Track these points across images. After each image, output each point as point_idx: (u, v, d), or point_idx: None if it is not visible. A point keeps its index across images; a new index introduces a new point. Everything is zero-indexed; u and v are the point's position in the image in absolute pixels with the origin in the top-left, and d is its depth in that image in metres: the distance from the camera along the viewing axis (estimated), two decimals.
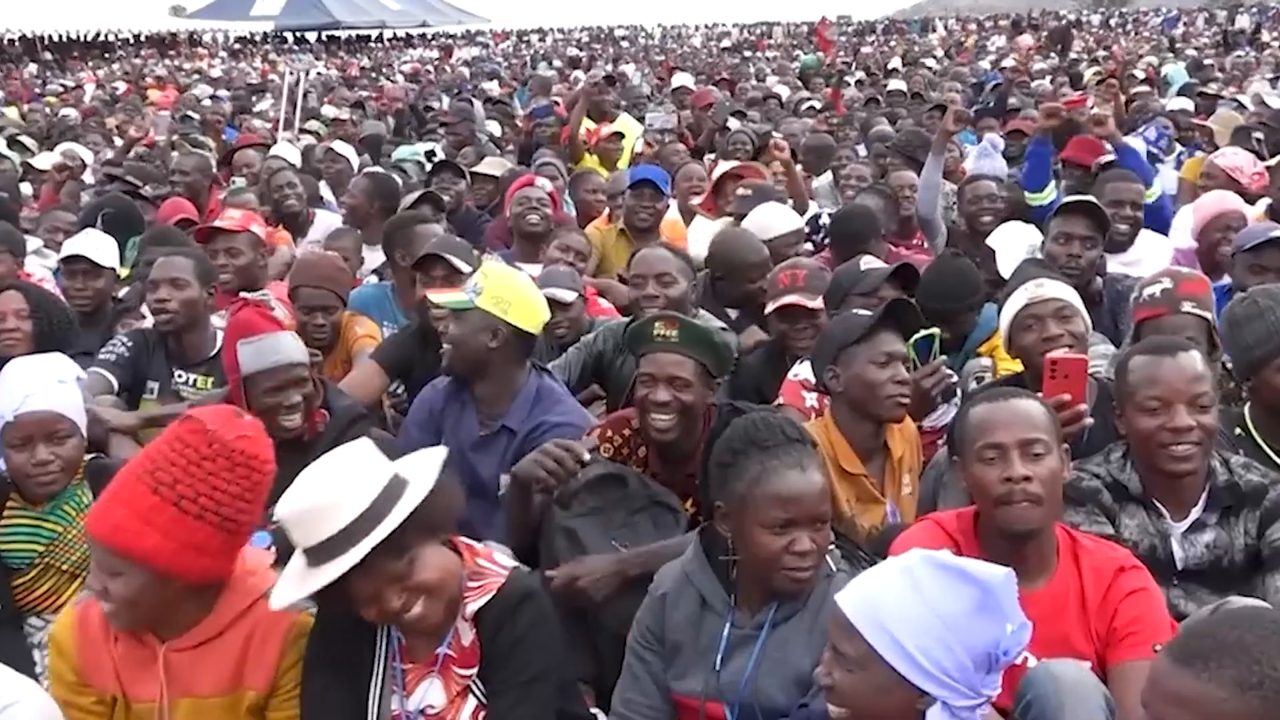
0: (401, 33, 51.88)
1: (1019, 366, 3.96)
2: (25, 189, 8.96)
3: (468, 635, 2.68)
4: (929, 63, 22.04)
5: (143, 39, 49.15)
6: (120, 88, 23.06)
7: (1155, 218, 6.13)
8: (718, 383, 3.78)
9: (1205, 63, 20.24)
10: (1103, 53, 26.07)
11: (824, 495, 2.72)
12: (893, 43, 36.74)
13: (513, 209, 6.53)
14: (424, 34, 51.75)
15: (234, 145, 10.41)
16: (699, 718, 2.82)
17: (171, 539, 2.52)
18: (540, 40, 49.72)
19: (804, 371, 4.13)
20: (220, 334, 4.73)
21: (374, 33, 50.54)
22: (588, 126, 10.42)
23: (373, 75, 27.47)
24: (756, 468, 2.70)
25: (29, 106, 18.28)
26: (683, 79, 16.57)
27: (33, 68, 35.52)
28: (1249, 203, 6.55)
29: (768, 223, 5.77)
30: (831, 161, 9.03)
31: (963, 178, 7.40)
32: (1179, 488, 3.15)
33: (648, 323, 3.78)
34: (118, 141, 12.07)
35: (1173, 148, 9.80)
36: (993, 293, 4.71)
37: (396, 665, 2.70)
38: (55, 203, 7.73)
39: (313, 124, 13.00)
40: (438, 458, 2.65)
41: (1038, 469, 2.73)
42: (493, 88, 19.71)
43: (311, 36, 47.57)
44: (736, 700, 2.76)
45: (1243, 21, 37.86)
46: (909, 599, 2.17)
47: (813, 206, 7.38)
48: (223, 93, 20.37)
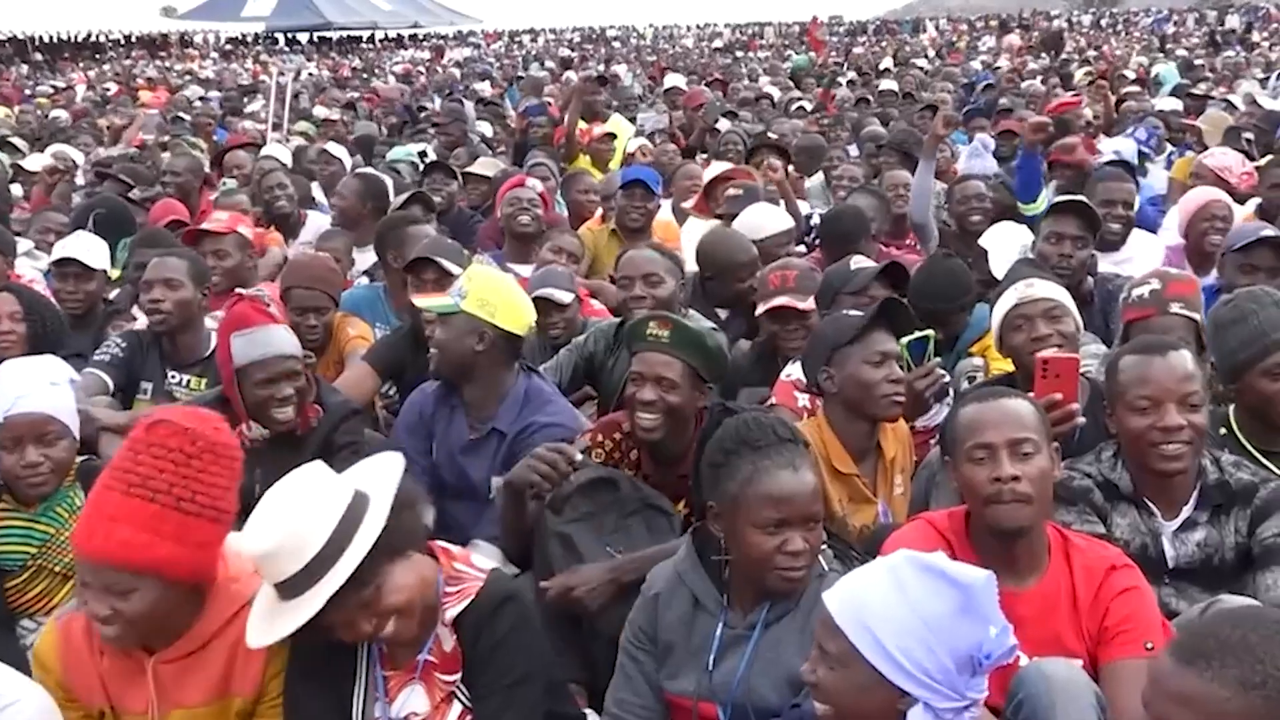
0: (393, 33, 51.83)
1: (1011, 366, 3.96)
2: (15, 190, 8.94)
3: (449, 641, 2.67)
4: (920, 63, 22.09)
5: (133, 40, 49.07)
6: (111, 89, 23.02)
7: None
8: (709, 387, 3.77)
9: (1196, 63, 20.31)
10: (1093, 53, 26.16)
11: (816, 495, 2.72)
12: (884, 43, 36.76)
13: (504, 210, 6.52)
14: (415, 35, 51.70)
15: (224, 146, 10.40)
16: (691, 718, 2.82)
17: (182, 543, 2.52)
18: (532, 41, 49.67)
19: (796, 372, 4.13)
20: (214, 335, 4.73)
21: (365, 34, 50.49)
22: (580, 127, 10.41)
23: (364, 76, 27.45)
24: (749, 468, 2.70)
25: (19, 108, 18.23)
26: (675, 79, 16.59)
27: (23, 69, 35.43)
28: (1239, 202, 6.58)
29: (758, 223, 5.77)
30: (823, 162, 9.04)
31: (954, 178, 7.42)
32: (1170, 487, 3.15)
33: (642, 322, 3.78)
34: (116, 149, 12.05)
35: (1163, 148, 9.83)
36: (984, 293, 4.72)
37: (378, 673, 2.69)
38: (46, 204, 7.72)
39: (301, 125, 12.98)
40: (397, 468, 2.62)
41: (1027, 468, 2.73)
42: (484, 88, 19.70)
43: (303, 37, 47.55)
44: (729, 700, 2.76)
45: (1232, 21, 37.97)
46: (892, 599, 2.18)
47: (804, 207, 7.38)
48: (214, 94, 20.35)
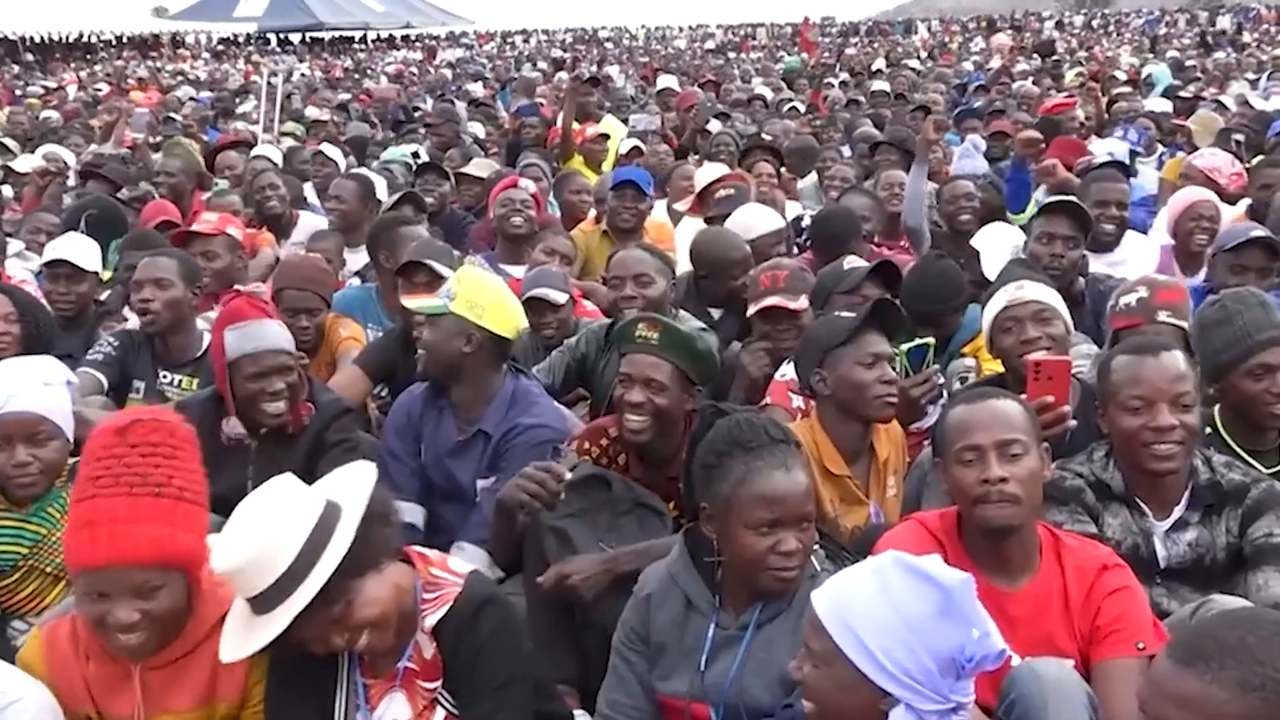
0: (385, 34, 51.78)
1: (1002, 366, 3.97)
2: (6, 191, 8.91)
3: (429, 648, 2.65)
4: (912, 64, 22.11)
5: (125, 40, 48.97)
6: (103, 89, 22.97)
7: None
8: (698, 389, 3.77)
9: (1187, 64, 20.35)
10: (1084, 53, 26.21)
11: (809, 495, 2.73)
12: (876, 44, 36.80)
13: (496, 211, 6.52)
14: (408, 35, 51.66)
15: (214, 146, 10.38)
16: (684, 718, 2.82)
17: (191, 531, 2.58)
18: (524, 41, 49.64)
19: (791, 372, 4.13)
20: (206, 335, 4.75)
21: (357, 34, 50.44)
22: (573, 128, 10.41)
23: (356, 76, 27.41)
24: (741, 468, 2.70)
25: (10, 109, 18.18)
26: (667, 80, 16.59)
27: (14, 69, 35.34)
28: (1230, 203, 6.60)
29: (750, 223, 5.78)
30: (816, 163, 9.05)
31: (944, 178, 7.44)
32: (1161, 487, 3.16)
33: (631, 323, 3.78)
34: (107, 147, 12.01)
35: (1154, 148, 9.85)
36: (977, 293, 4.73)
37: (358, 680, 2.68)
38: (37, 205, 7.70)
39: (290, 125, 12.94)
40: (369, 480, 2.60)
41: (1015, 469, 2.74)
42: (477, 89, 19.69)
43: (295, 38, 47.48)
44: (721, 701, 2.76)
45: (1223, 22, 38.08)
46: (876, 599, 2.19)
47: (796, 207, 7.39)
48: (205, 94, 20.31)
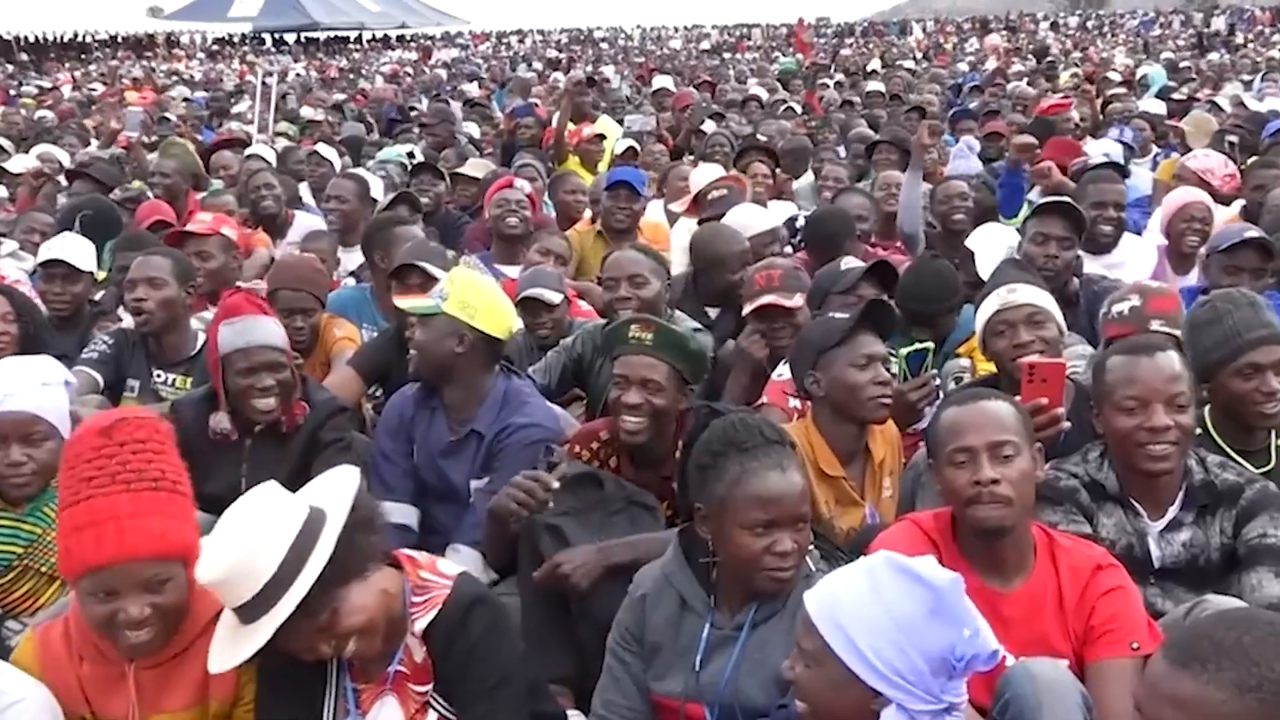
0: (380, 34, 51.77)
1: (995, 369, 3.97)
2: (1, 191, 8.90)
3: (419, 652, 2.64)
4: (907, 64, 22.14)
5: (120, 40, 48.92)
6: (97, 89, 22.94)
7: None
8: (691, 389, 3.78)
9: (1181, 65, 20.40)
10: (1079, 54, 26.25)
11: (804, 496, 2.73)
12: (871, 45, 36.84)
13: (491, 211, 6.52)
14: (403, 35, 51.65)
15: (209, 146, 10.37)
16: (679, 718, 2.82)
17: (189, 522, 2.62)
18: (520, 42, 49.63)
19: (788, 372, 4.13)
20: (200, 335, 4.75)
21: (352, 34, 50.42)
22: (568, 128, 10.41)
23: (351, 77, 27.40)
24: (736, 469, 2.70)
25: (4, 108, 18.15)
26: (663, 81, 16.60)
27: (8, 69, 35.30)
28: (1223, 204, 6.62)
29: (744, 222, 5.78)
30: (812, 163, 9.06)
31: (938, 179, 7.44)
32: (1156, 487, 3.16)
33: (624, 324, 3.78)
34: (94, 143, 12.01)
35: (1149, 149, 9.88)
36: (971, 294, 4.73)
37: (347, 685, 2.67)
38: (32, 206, 7.69)
39: (283, 125, 12.93)
40: (352, 485, 2.59)
41: (1007, 471, 2.74)
42: (472, 89, 19.69)
43: (290, 38, 47.46)
44: (716, 701, 2.76)
45: (1218, 24, 38.15)
46: (866, 599, 2.19)
47: (791, 208, 7.40)
48: (200, 94, 20.29)
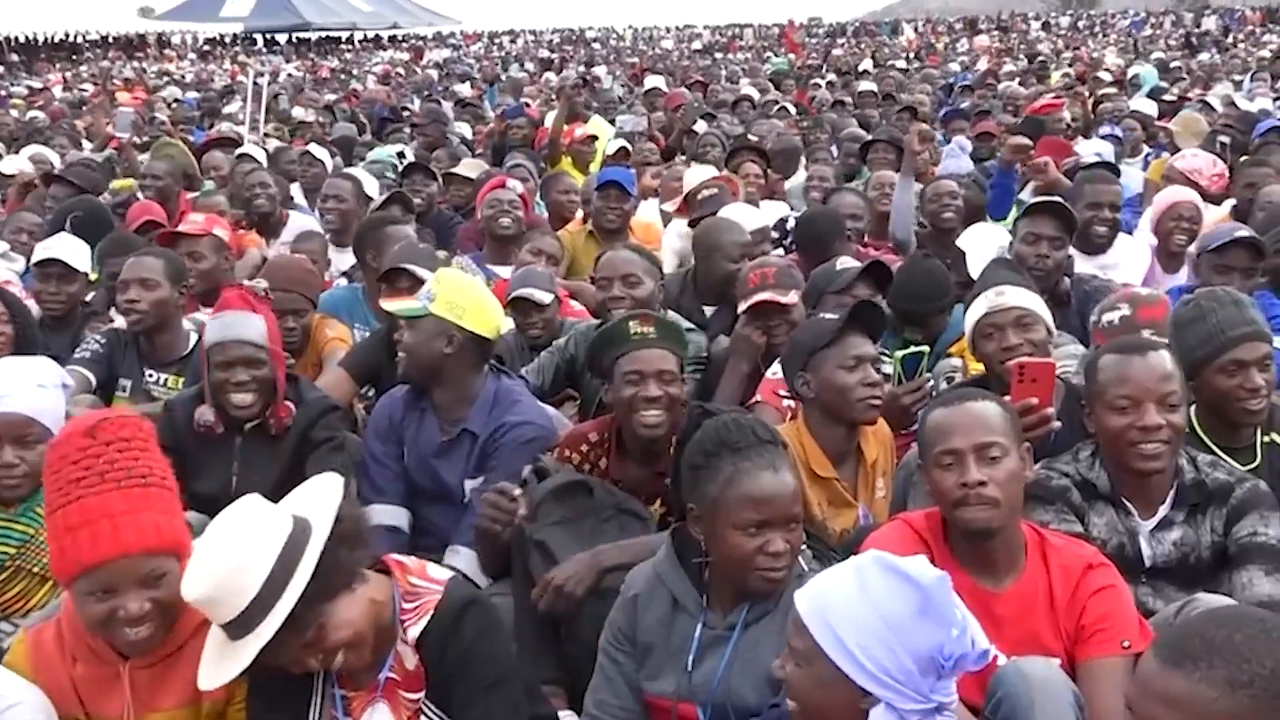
0: (372, 34, 51.70)
1: (985, 370, 3.97)
2: None
3: (411, 659, 2.63)
4: (899, 64, 22.17)
5: (110, 40, 48.79)
6: (88, 90, 22.89)
7: None
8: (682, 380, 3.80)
9: (1172, 65, 20.45)
10: (1070, 54, 26.31)
11: (796, 496, 2.73)
12: (863, 44, 36.88)
13: (484, 211, 6.52)
14: (395, 35, 51.58)
15: (200, 146, 10.35)
16: (671, 718, 2.82)
17: (179, 517, 2.64)
18: (511, 42, 49.58)
19: (781, 371, 4.13)
20: (193, 335, 4.76)
21: (344, 34, 50.35)
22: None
23: (342, 77, 27.36)
24: (729, 469, 2.70)
25: None
26: (655, 81, 16.61)
27: None
28: (1214, 203, 6.64)
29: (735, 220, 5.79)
30: (803, 163, 9.07)
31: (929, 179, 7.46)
32: (1147, 486, 3.17)
33: (622, 323, 3.78)
34: (85, 143, 11.99)
35: (1139, 149, 9.90)
36: (962, 294, 4.74)
37: (336, 692, 2.66)
38: (21, 207, 7.66)
39: (273, 127, 12.90)
40: (335, 497, 2.58)
41: (994, 472, 2.74)
42: (464, 89, 19.68)
43: (282, 38, 47.38)
44: (709, 700, 2.76)
45: (1208, 24, 38.23)
46: (855, 598, 2.19)
47: (783, 208, 7.40)
48: (192, 95, 20.25)
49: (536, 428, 3.93)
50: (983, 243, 5.36)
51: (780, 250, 6.22)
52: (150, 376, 4.76)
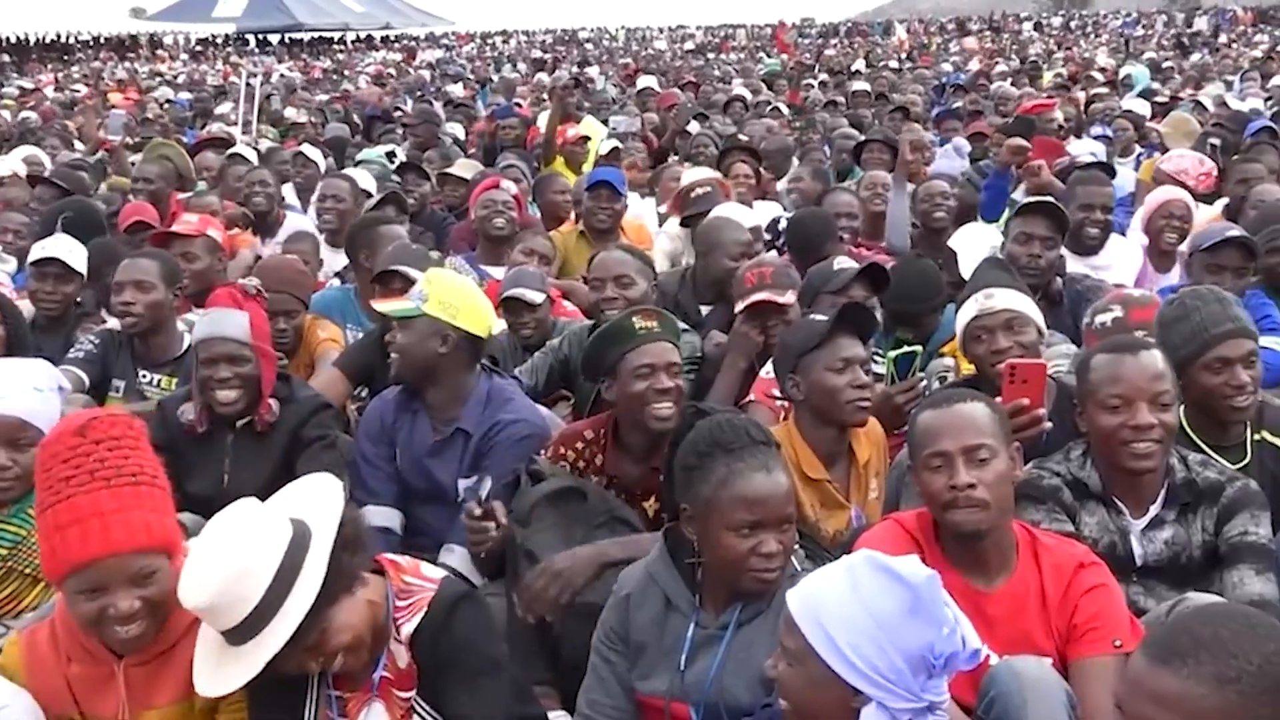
0: (364, 35, 51.64)
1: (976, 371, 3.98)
2: None
3: (403, 657, 2.64)
4: (892, 64, 22.20)
5: (102, 41, 48.69)
6: (80, 90, 22.84)
7: None
8: None
9: (1164, 65, 20.50)
10: (1062, 53, 26.36)
11: (789, 497, 2.73)
12: (856, 44, 36.90)
13: (478, 212, 6.52)
14: (387, 36, 51.52)
15: (191, 146, 10.33)
16: (664, 718, 2.82)
17: (170, 515, 2.63)
18: (504, 42, 49.56)
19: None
20: (186, 336, 4.76)
21: (337, 35, 50.29)
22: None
23: (334, 78, 27.33)
24: (722, 470, 2.70)
25: None
26: (647, 81, 16.61)
27: None
28: (1206, 203, 6.66)
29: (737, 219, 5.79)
30: (795, 163, 9.08)
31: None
32: (1139, 485, 3.18)
33: (626, 319, 3.78)
34: (77, 144, 11.96)
35: (1131, 149, 9.92)
36: (954, 294, 4.75)
37: (331, 693, 2.66)
38: (7, 207, 7.62)
39: (265, 128, 12.88)
40: (337, 501, 2.57)
41: (983, 474, 2.75)
42: (456, 90, 19.66)
43: (274, 39, 47.32)
44: (701, 700, 2.77)
45: (1200, 24, 38.31)
46: (846, 598, 2.20)
47: (776, 208, 7.40)
48: (184, 96, 20.22)
49: (530, 425, 3.94)
50: (974, 243, 5.37)
51: (773, 252, 6.22)
52: (144, 377, 4.76)
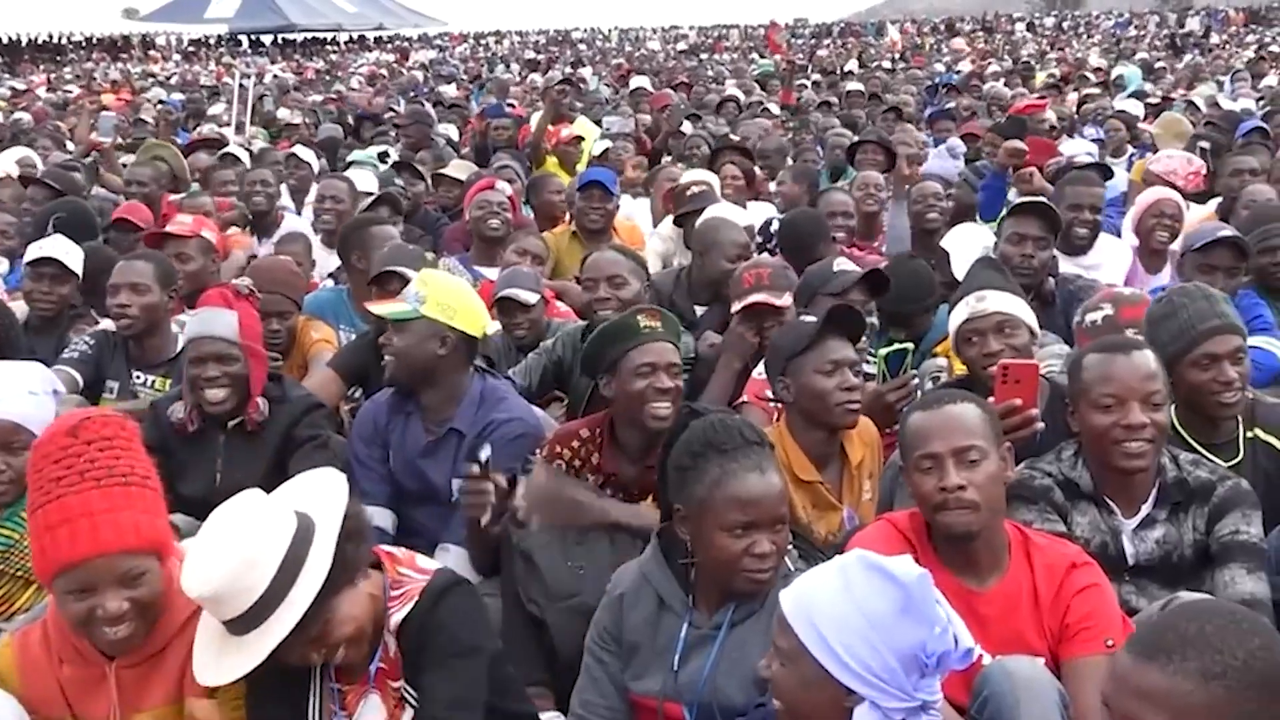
0: (357, 35, 51.56)
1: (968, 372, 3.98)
2: None
3: (393, 646, 2.65)
4: (885, 64, 22.22)
5: (95, 42, 48.57)
6: (73, 91, 22.78)
7: None
8: None
9: (1157, 65, 20.54)
10: (1055, 54, 26.41)
11: (783, 497, 2.74)
12: (849, 45, 36.91)
13: (472, 213, 6.51)
14: (380, 37, 51.44)
15: (184, 147, 10.32)
16: (657, 718, 2.83)
17: (162, 516, 2.63)
18: (497, 43, 49.51)
19: None
20: (181, 337, 4.73)
21: (329, 35, 50.21)
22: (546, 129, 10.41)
23: (327, 79, 27.28)
24: (716, 470, 2.71)
25: None
26: (640, 82, 16.61)
27: None
28: (1198, 202, 6.68)
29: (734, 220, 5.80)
30: (789, 163, 9.08)
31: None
32: (1130, 485, 3.19)
33: (630, 317, 3.79)
34: (69, 145, 11.93)
35: (1123, 149, 9.94)
36: (947, 294, 4.75)
37: (333, 686, 2.67)
38: None
39: (253, 130, 12.85)
40: (342, 492, 2.59)
41: (973, 475, 2.75)
42: (449, 90, 19.64)
43: (266, 39, 47.22)
44: (695, 700, 2.77)
45: (1192, 24, 38.37)
46: (839, 597, 2.20)
47: (770, 209, 7.41)
48: (177, 97, 20.17)
49: (524, 424, 3.94)
50: (967, 243, 5.37)
51: (765, 254, 6.23)
52: (138, 379, 4.76)
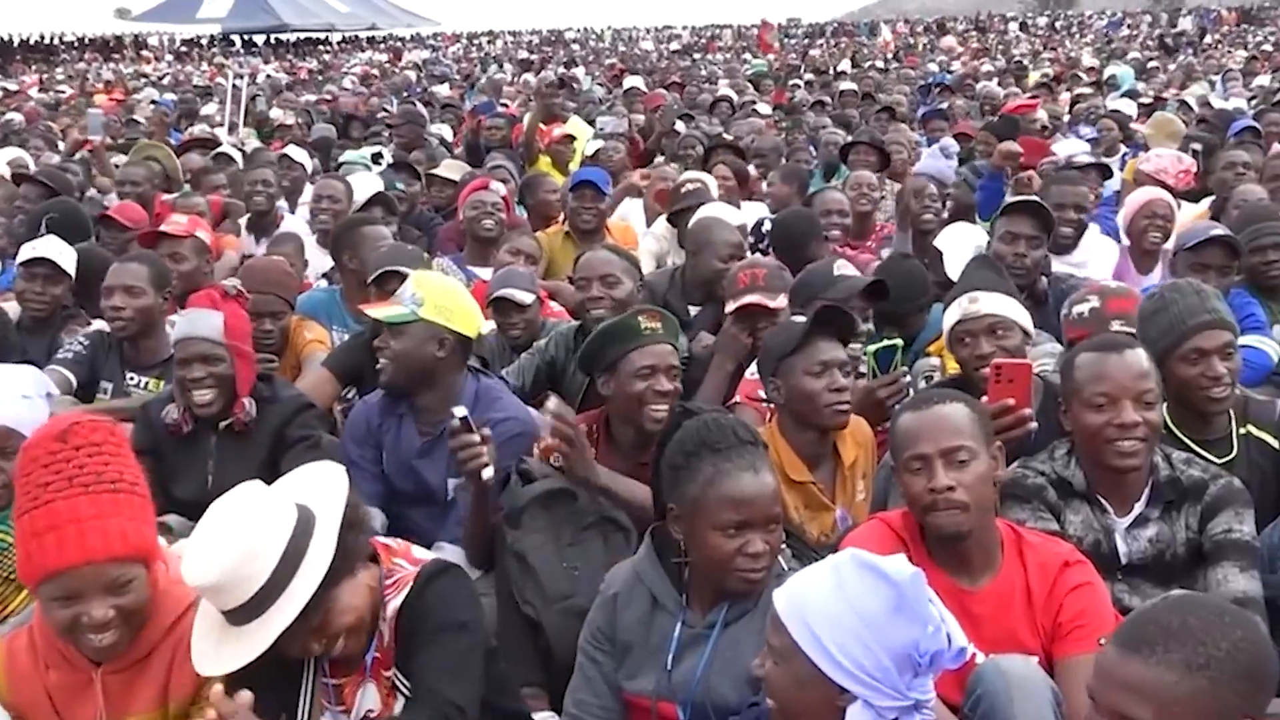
0: (350, 35, 51.51)
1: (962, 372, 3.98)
2: None
3: (388, 635, 2.66)
4: (878, 64, 22.24)
5: (87, 42, 48.49)
6: (65, 91, 22.75)
7: None
8: None
9: (1149, 65, 20.57)
10: (1048, 54, 26.45)
11: (776, 497, 2.74)
12: (842, 45, 36.93)
13: (467, 213, 6.51)
14: (373, 36, 51.40)
15: (176, 147, 10.29)
16: (650, 717, 2.83)
17: (149, 523, 2.61)
18: (490, 43, 49.46)
19: None
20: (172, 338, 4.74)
21: (322, 35, 50.16)
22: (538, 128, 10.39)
23: (320, 79, 27.25)
24: (709, 470, 2.71)
25: None
26: (634, 81, 16.61)
27: None
28: (1192, 200, 6.69)
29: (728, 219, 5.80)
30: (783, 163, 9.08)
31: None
32: (1123, 483, 3.19)
33: (631, 318, 3.81)
34: (61, 146, 11.91)
35: (1116, 149, 9.95)
36: (941, 293, 4.75)
37: (328, 681, 2.67)
38: None
39: (246, 131, 12.84)
40: (342, 484, 2.60)
41: (963, 476, 2.75)
42: (442, 90, 19.62)
43: (259, 39, 47.18)
44: (688, 699, 2.77)
45: (1185, 24, 38.43)
46: (832, 596, 2.20)
47: (764, 209, 7.41)
48: (169, 97, 20.14)
49: (520, 423, 3.94)
50: (960, 242, 5.38)
51: (757, 254, 6.23)
52: (132, 380, 4.75)
